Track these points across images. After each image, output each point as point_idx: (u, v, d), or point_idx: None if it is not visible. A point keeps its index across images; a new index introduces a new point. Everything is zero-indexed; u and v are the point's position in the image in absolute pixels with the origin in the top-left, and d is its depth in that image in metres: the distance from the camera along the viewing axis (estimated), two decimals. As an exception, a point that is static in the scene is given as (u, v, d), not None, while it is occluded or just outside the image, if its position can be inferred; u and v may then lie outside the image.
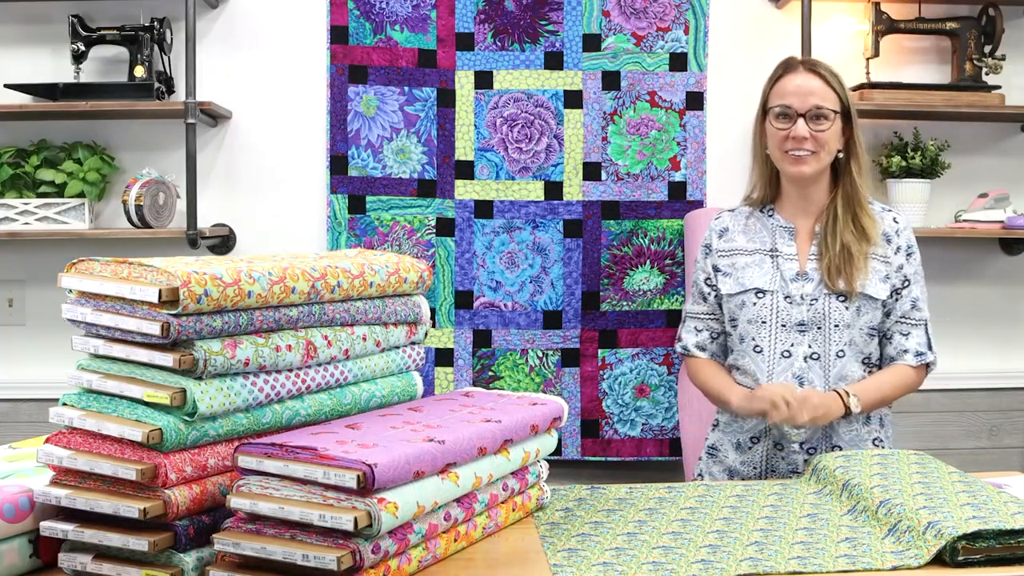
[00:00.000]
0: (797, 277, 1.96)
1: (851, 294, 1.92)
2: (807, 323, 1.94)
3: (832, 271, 1.93)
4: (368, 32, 2.78)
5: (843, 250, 1.94)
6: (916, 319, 2.00)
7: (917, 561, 1.19)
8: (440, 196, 2.80)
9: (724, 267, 2.03)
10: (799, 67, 2.00)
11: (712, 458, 2.06)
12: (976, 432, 3.01)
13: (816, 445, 1.95)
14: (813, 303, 1.94)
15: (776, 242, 2.00)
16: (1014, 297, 3.05)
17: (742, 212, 2.09)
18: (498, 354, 2.80)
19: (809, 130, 1.93)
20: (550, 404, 1.44)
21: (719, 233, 2.08)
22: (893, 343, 1.99)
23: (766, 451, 1.98)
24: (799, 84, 1.97)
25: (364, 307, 1.36)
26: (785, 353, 1.94)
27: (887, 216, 2.03)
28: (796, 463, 1.95)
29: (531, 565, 1.22)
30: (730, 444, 2.03)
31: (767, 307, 1.96)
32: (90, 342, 1.16)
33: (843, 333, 1.93)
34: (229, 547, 1.08)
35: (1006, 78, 2.86)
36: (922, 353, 1.99)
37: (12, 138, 2.79)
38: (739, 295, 1.99)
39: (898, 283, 1.98)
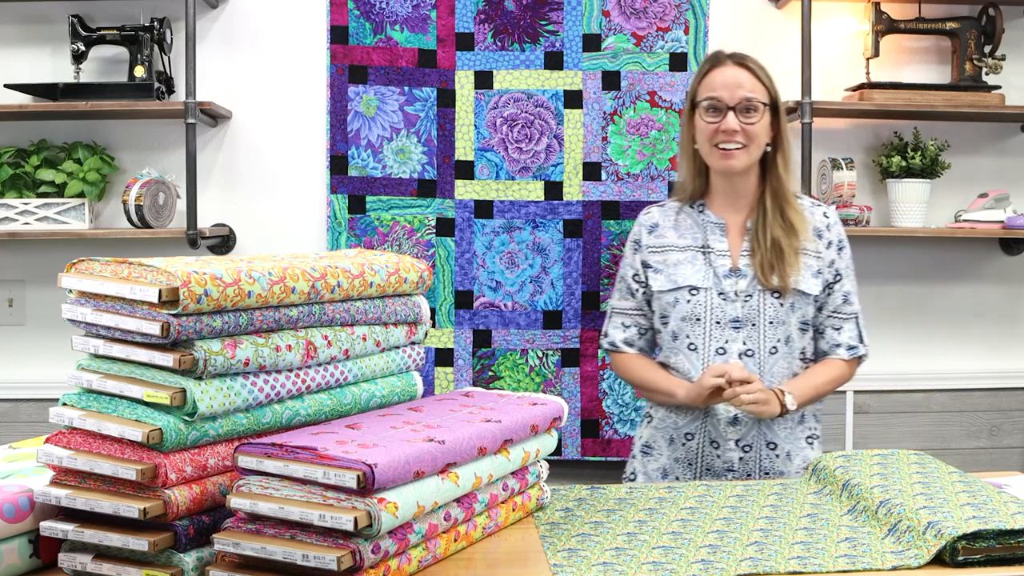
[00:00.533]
0: (730, 273, 1.96)
1: (785, 290, 1.93)
2: (742, 320, 1.93)
3: (765, 268, 1.93)
4: (368, 32, 2.78)
5: (774, 246, 1.94)
6: (848, 313, 2.02)
7: (917, 561, 1.19)
8: (440, 196, 2.80)
9: (655, 263, 2.02)
10: (727, 61, 1.99)
11: (646, 456, 2.03)
12: (976, 432, 3.01)
13: (752, 443, 1.94)
14: (747, 299, 1.94)
15: (708, 238, 2.00)
16: (1014, 297, 3.05)
17: (672, 207, 2.08)
18: (498, 354, 2.80)
19: (739, 123, 1.93)
20: (550, 404, 1.44)
21: (649, 228, 2.06)
22: (825, 337, 2.01)
23: (701, 448, 1.97)
24: (728, 77, 1.96)
25: (364, 307, 1.36)
26: (720, 350, 1.94)
27: (817, 211, 2.04)
28: (731, 461, 1.94)
29: (531, 565, 1.22)
30: (664, 440, 2.01)
31: (701, 304, 1.95)
32: (90, 342, 1.16)
33: (777, 329, 1.94)
34: (229, 547, 1.08)
35: (1006, 78, 2.87)
36: (854, 347, 2.02)
37: (12, 138, 2.79)
38: (671, 292, 1.98)
39: (830, 278, 2.00)
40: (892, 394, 2.98)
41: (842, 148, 2.92)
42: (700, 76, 2.02)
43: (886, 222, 2.90)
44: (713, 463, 1.96)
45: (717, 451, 1.95)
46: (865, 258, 2.98)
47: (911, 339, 3.01)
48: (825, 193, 2.81)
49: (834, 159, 2.79)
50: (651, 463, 2.02)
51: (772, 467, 1.95)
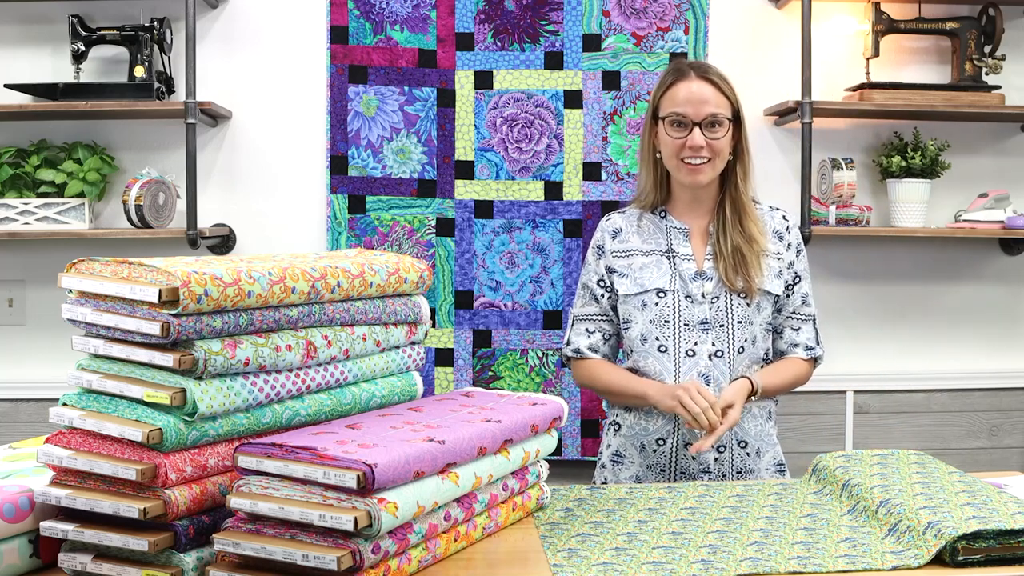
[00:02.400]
0: (696, 276, 1.97)
1: (751, 292, 1.95)
2: (710, 321, 1.95)
3: (729, 272, 1.96)
4: (368, 32, 2.78)
5: (735, 252, 1.97)
6: (806, 314, 2.06)
7: (917, 561, 1.19)
8: (440, 196, 2.80)
9: (620, 268, 2.02)
10: (691, 73, 1.98)
11: (617, 465, 2.02)
12: (976, 432, 3.01)
13: (725, 443, 1.95)
14: (715, 301, 1.96)
15: (672, 243, 2.01)
16: (1014, 297, 3.05)
17: (633, 213, 2.08)
18: (498, 354, 2.80)
19: (704, 138, 1.94)
20: (550, 404, 1.44)
21: (612, 234, 2.06)
22: (784, 337, 2.04)
23: (674, 452, 1.97)
24: (693, 92, 1.96)
25: (364, 307, 1.36)
26: (689, 352, 1.94)
27: (776, 215, 2.06)
28: (707, 462, 1.95)
29: (531, 565, 1.22)
30: (634, 448, 2.00)
31: (669, 306, 1.96)
32: (90, 342, 1.16)
33: (745, 330, 1.96)
34: (229, 547, 1.08)
35: (1006, 78, 2.87)
36: (811, 347, 2.05)
37: (12, 138, 2.79)
38: (638, 295, 1.98)
39: (790, 279, 2.03)
40: (892, 394, 2.98)
41: (842, 148, 2.92)
42: (663, 88, 2.00)
43: (886, 222, 2.90)
44: (688, 466, 1.96)
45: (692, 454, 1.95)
46: (865, 258, 2.98)
47: (911, 339, 3.01)
48: (825, 193, 2.81)
49: (834, 159, 2.79)
50: (622, 472, 2.01)
51: (744, 465, 1.96)
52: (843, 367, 2.97)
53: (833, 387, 2.95)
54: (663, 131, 1.98)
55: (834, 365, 2.98)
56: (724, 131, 1.95)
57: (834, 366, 2.98)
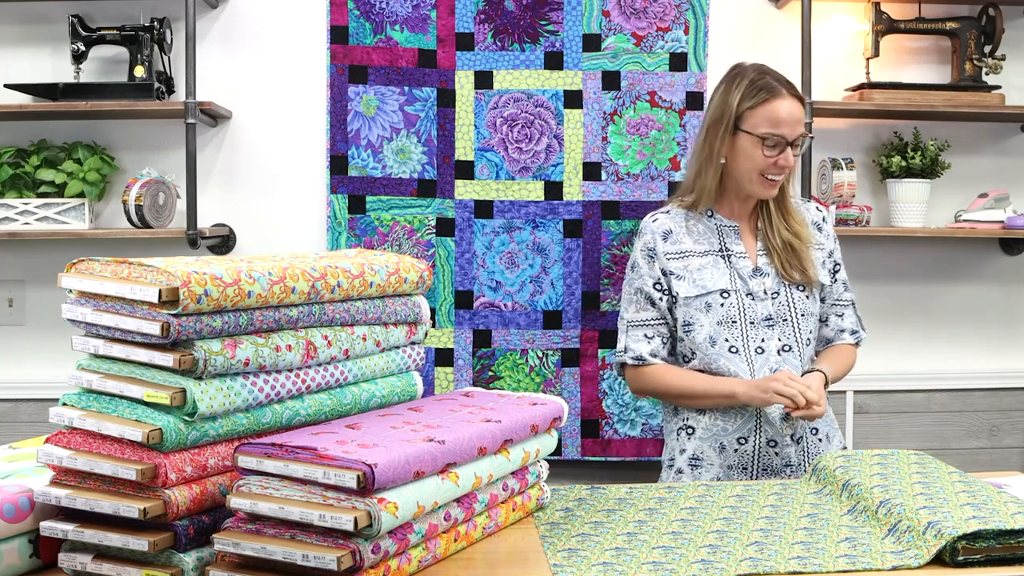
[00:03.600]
0: (754, 274, 1.98)
1: (810, 283, 1.99)
2: (774, 317, 1.96)
3: (785, 266, 1.99)
4: (368, 32, 2.78)
5: (786, 247, 2.01)
6: (847, 300, 2.12)
7: (917, 561, 1.19)
8: (440, 196, 2.80)
9: (676, 270, 2.00)
10: (783, 92, 1.98)
11: (696, 468, 2.00)
12: (976, 432, 3.01)
13: (802, 434, 1.97)
14: (776, 296, 1.97)
15: (725, 241, 2.01)
16: (1014, 297, 3.05)
17: (678, 213, 2.07)
18: (498, 354, 2.80)
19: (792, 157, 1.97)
20: (550, 404, 1.44)
21: (663, 236, 2.04)
22: (830, 324, 2.10)
23: (757, 450, 1.96)
24: (791, 113, 1.98)
25: (364, 307, 1.36)
26: (759, 349, 1.95)
27: (810, 206, 2.13)
28: (789, 456, 1.96)
29: (531, 565, 1.22)
30: (713, 450, 1.99)
31: (734, 306, 1.96)
32: (90, 342, 1.16)
33: (809, 322, 1.99)
34: (229, 547, 1.08)
35: (1006, 78, 2.87)
36: (856, 331, 2.12)
37: (12, 138, 2.79)
38: (700, 297, 1.97)
39: (831, 267, 2.07)
40: (892, 394, 2.98)
41: (842, 148, 2.92)
42: (753, 102, 1.97)
43: (886, 222, 2.90)
44: (771, 462, 1.96)
45: (775, 449, 1.95)
46: (865, 258, 2.98)
47: (911, 339, 3.01)
48: (825, 193, 2.81)
49: (834, 159, 2.79)
50: (703, 474, 1.98)
51: (819, 452, 2.00)
52: (843, 367, 2.97)
53: (833, 387, 2.93)
54: (747, 145, 1.97)
55: (834, 365, 2.98)
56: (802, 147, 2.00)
57: (834, 366, 2.98)
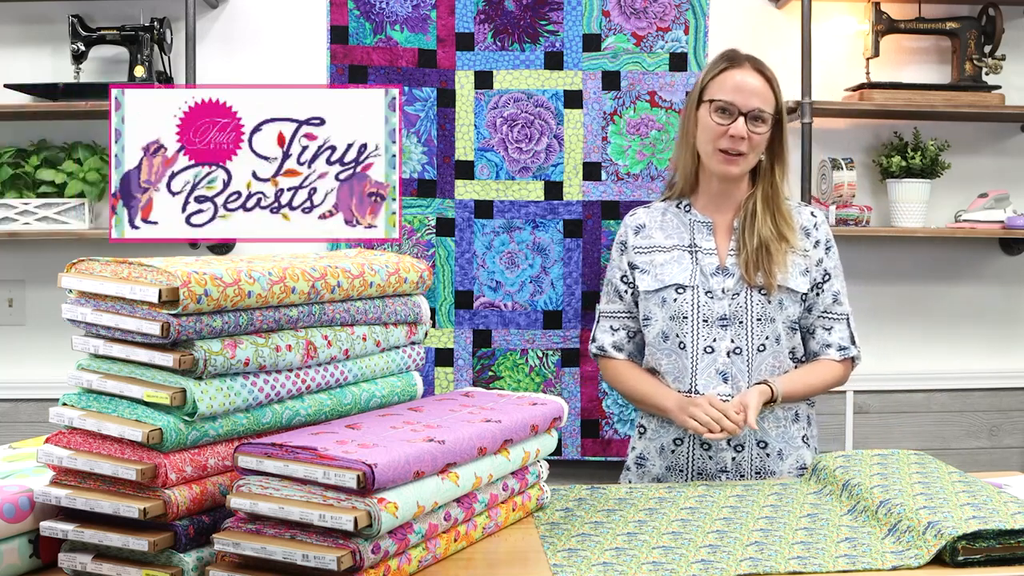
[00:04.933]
0: (717, 272, 1.96)
1: (771, 288, 1.93)
2: (729, 318, 1.93)
3: (750, 266, 1.93)
4: (368, 32, 2.78)
5: (760, 246, 1.94)
6: (838, 313, 2.02)
7: (917, 561, 1.19)
8: (440, 196, 2.80)
9: (642, 264, 2.01)
10: (745, 63, 1.97)
11: (641, 468, 2.02)
12: (976, 432, 3.01)
13: (743, 442, 1.94)
14: (734, 297, 1.94)
15: (695, 237, 2.00)
16: (1014, 297, 3.05)
17: (658, 208, 2.07)
18: (498, 354, 2.80)
19: (747, 130, 1.92)
20: (550, 404, 1.44)
21: (635, 230, 2.05)
22: (816, 338, 2.01)
23: (691, 452, 1.96)
24: (746, 81, 1.94)
25: (364, 307, 1.36)
26: (708, 349, 1.93)
27: (804, 211, 2.04)
28: (724, 461, 1.94)
29: (531, 565, 1.22)
30: (655, 451, 2.00)
31: (688, 303, 1.94)
32: (90, 342, 1.16)
33: (765, 327, 1.94)
34: (229, 547, 1.08)
35: (1006, 78, 2.86)
36: (845, 347, 2.01)
37: (12, 138, 2.79)
38: (658, 292, 1.97)
39: (818, 277, 2.00)
40: (892, 394, 2.98)
41: (842, 148, 2.92)
42: (714, 72, 1.98)
43: (886, 222, 2.90)
44: (706, 466, 1.95)
45: (709, 453, 1.94)
46: (865, 258, 2.98)
47: (911, 339, 3.01)
48: (825, 193, 2.81)
49: (834, 159, 2.79)
50: (646, 475, 2.02)
51: (764, 466, 1.94)
52: (843, 367, 2.97)
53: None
54: (705, 115, 1.96)
55: (834, 365, 2.98)
56: (766, 128, 1.94)
57: (834, 366, 2.98)
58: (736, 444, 1.93)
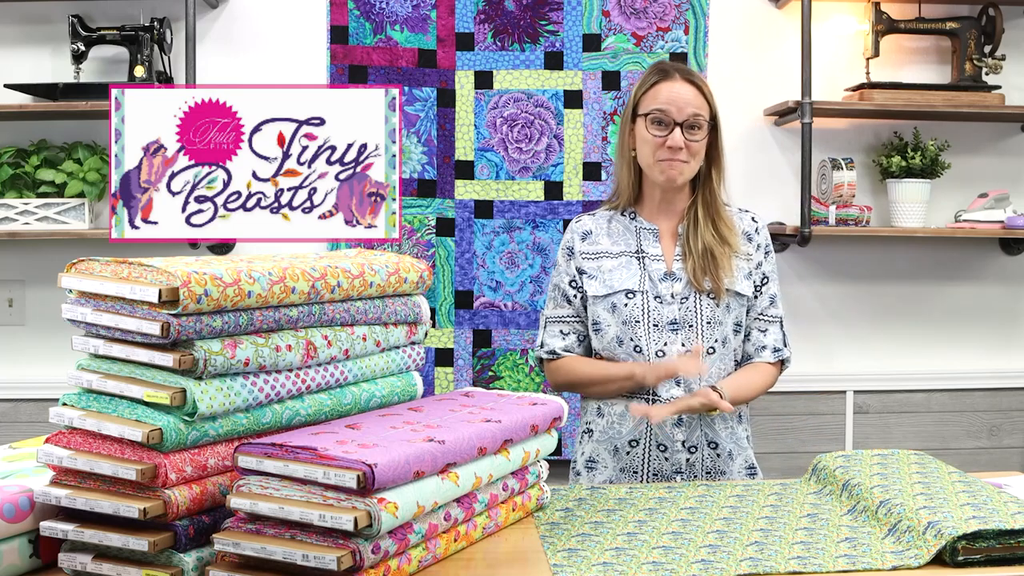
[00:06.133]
0: (665, 277, 1.98)
1: (720, 292, 1.95)
2: (679, 322, 1.95)
3: (697, 272, 1.96)
4: (368, 32, 2.78)
5: (706, 252, 1.97)
6: (773, 316, 2.05)
7: (917, 561, 1.19)
8: (440, 196, 2.80)
9: (589, 269, 2.02)
10: (675, 75, 1.99)
11: (591, 471, 2.02)
12: (976, 432, 3.01)
13: (696, 444, 1.96)
14: (684, 301, 1.96)
15: (641, 243, 2.01)
16: (1014, 297, 3.05)
17: (603, 216, 2.09)
18: (498, 354, 2.80)
19: (684, 139, 1.94)
20: (550, 404, 1.44)
21: (582, 236, 2.06)
22: (752, 339, 2.03)
23: (647, 453, 1.97)
24: (677, 93, 1.96)
25: (364, 307, 1.36)
26: (660, 353, 1.94)
27: (745, 216, 2.07)
28: (680, 463, 1.95)
29: (531, 565, 1.22)
30: (607, 452, 2.00)
31: (638, 307, 1.96)
32: (90, 342, 1.16)
33: (715, 330, 1.96)
34: (229, 547, 1.08)
35: (1006, 78, 2.87)
36: (779, 349, 2.04)
37: (12, 138, 2.79)
38: (607, 297, 1.98)
39: (758, 280, 2.03)
40: (892, 394, 2.98)
41: (842, 148, 2.92)
42: (646, 86, 2.00)
43: (886, 222, 2.90)
44: (661, 467, 1.96)
45: (665, 454, 1.95)
46: (865, 258, 2.98)
47: (911, 339, 3.01)
48: (825, 193, 2.81)
49: (834, 159, 2.79)
50: (597, 476, 2.01)
51: (715, 467, 1.97)
52: (843, 367, 2.97)
53: (833, 387, 2.95)
54: (642, 129, 1.98)
55: (834, 365, 2.98)
56: (703, 134, 1.96)
57: (834, 366, 2.98)
58: (690, 446, 1.95)
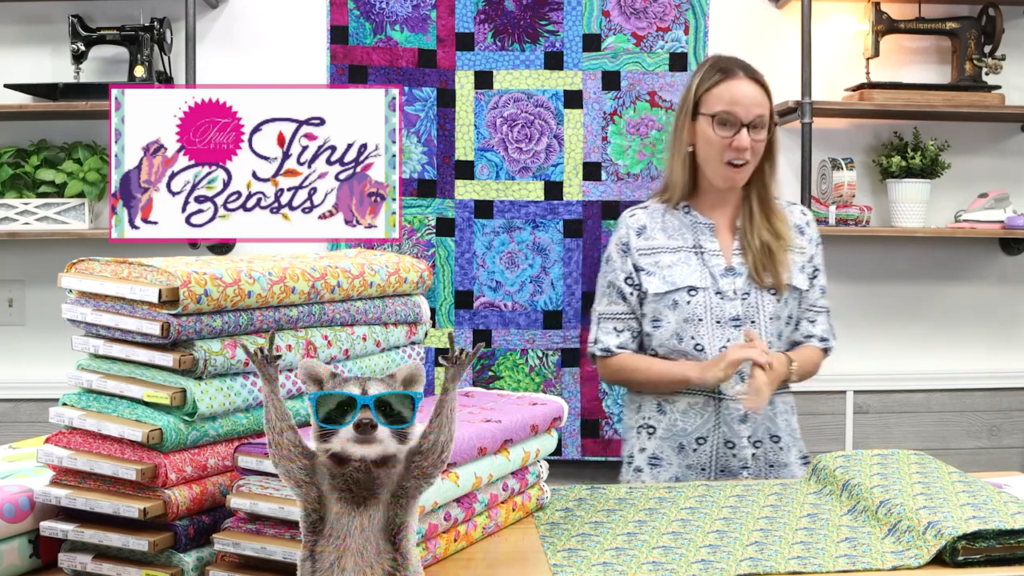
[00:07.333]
0: (726, 272, 1.98)
1: (781, 287, 1.96)
2: (742, 318, 1.95)
3: (758, 268, 1.97)
4: (368, 32, 2.78)
5: (764, 247, 1.98)
6: (821, 306, 2.09)
7: (917, 561, 1.19)
8: (440, 196, 2.80)
9: (647, 266, 2.01)
10: (739, 73, 1.99)
11: (655, 468, 2.02)
12: (976, 432, 3.01)
13: (761, 438, 1.97)
14: (745, 297, 1.96)
15: (699, 238, 2.01)
16: (1014, 297, 3.05)
17: (656, 209, 2.08)
18: (498, 354, 2.80)
19: (749, 139, 1.94)
20: (550, 404, 1.44)
21: (637, 231, 2.05)
22: (800, 328, 2.07)
23: (715, 450, 1.97)
24: (744, 92, 1.96)
25: (364, 307, 1.36)
26: (723, 349, 1.94)
27: (795, 210, 2.09)
28: (746, 458, 1.96)
29: (531, 565, 1.22)
30: (672, 450, 2.00)
31: (701, 304, 1.96)
32: (90, 342, 1.16)
33: (775, 325, 1.97)
34: (229, 547, 1.08)
35: (1006, 78, 2.86)
36: (826, 339, 2.08)
37: (12, 138, 2.79)
38: (669, 294, 1.97)
39: (811, 272, 2.04)
40: (892, 394, 2.98)
41: (842, 148, 2.92)
42: (710, 83, 1.99)
43: (886, 222, 2.90)
44: (729, 463, 1.96)
45: (733, 451, 1.96)
46: (865, 258, 2.98)
47: (911, 339, 3.01)
48: (825, 193, 2.81)
49: (834, 159, 2.79)
50: (661, 474, 2.00)
51: (778, 459, 2.00)
52: (843, 367, 2.97)
53: (833, 387, 2.95)
54: (706, 128, 1.97)
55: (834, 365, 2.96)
56: (766, 133, 1.97)
57: (834, 366, 2.96)
58: (755, 440, 1.96)
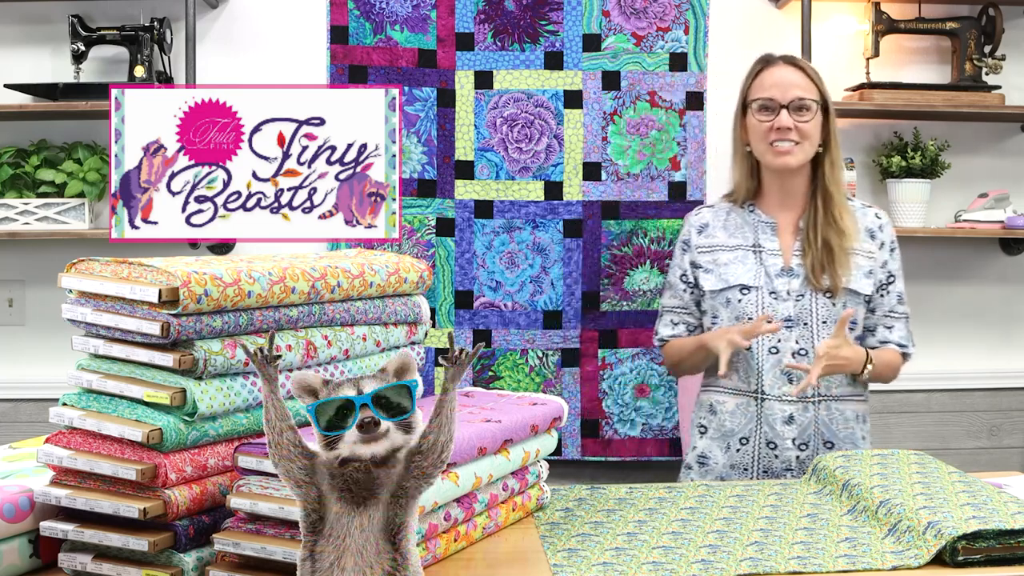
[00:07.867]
0: (782, 273, 1.97)
1: (837, 290, 1.94)
2: (794, 319, 1.94)
3: (816, 268, 1.95)
4: (368, 32, 2.78)
5: (825, 247, 1.96)
6: (900, 313, 2.07)
7: (917, 561, 1.19)
8: (440, 196, 2.80)
9: (705, 263, 2.02)
10: (778, 62, 2.03)
11: (703, 466, 2.02)
12: (976, 432, 3.01)
13: (808, 440, 1.94)
14: (799, 299, 1.95)
15: (759, 237, 2.01)
16: (1014, 297, 3.05)
17: (722, 208, 2.09)
18: (498, 354, 2.80)
19: (792, 120, 1.94)
20: (550, 404, 1.44)
21: (699, 229, 2.07)
22: (877, 335, 2.04)
23: (757, 451, 1.96)
24: (780, 76, 1.99)
25: (364, 307, 1.36)
26: (772, 349, 1.94)
27: (869, 212, 2.07)
28: (789, 460, 1.94)
29: (531, 565, 1.22)
30: (719, 449, 2.01)
31: (752, 303, 1.95)
32: (90, 342, 1.16)
33: (829, 329, 1.94)
34: (229, 547, 1.08)
35: (1006, 78, 2.86)
36: (904, 345, 2.06)
37: (12, 138, 2.79)
38: (723, 292, 1.98)
39: (883, 278, 2.03)
40: (892, 394, 2.98)
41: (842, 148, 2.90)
42: (751, 78, 2.05)
43: (886, 222, 2.90)
44: (771, 464, 1.95)
45: (775, 452, 1.95)
46: (865, 258, 2.98)
47: (911, 339, 3.01)
48: (825, 193, 2.81)
49: (834, 159, 2.79)
50: (708, 473, 2.01)
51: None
52: (843, 367, 2.96)
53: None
54: (751, 119, 2.00)
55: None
56: (811, 115, 1.97)
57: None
58: (801, 443, 1.94)
